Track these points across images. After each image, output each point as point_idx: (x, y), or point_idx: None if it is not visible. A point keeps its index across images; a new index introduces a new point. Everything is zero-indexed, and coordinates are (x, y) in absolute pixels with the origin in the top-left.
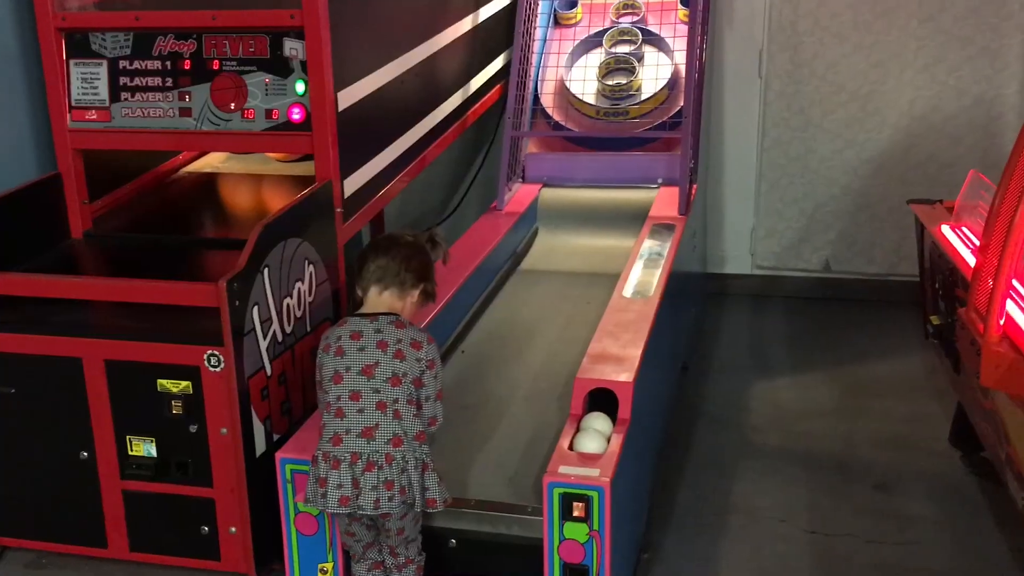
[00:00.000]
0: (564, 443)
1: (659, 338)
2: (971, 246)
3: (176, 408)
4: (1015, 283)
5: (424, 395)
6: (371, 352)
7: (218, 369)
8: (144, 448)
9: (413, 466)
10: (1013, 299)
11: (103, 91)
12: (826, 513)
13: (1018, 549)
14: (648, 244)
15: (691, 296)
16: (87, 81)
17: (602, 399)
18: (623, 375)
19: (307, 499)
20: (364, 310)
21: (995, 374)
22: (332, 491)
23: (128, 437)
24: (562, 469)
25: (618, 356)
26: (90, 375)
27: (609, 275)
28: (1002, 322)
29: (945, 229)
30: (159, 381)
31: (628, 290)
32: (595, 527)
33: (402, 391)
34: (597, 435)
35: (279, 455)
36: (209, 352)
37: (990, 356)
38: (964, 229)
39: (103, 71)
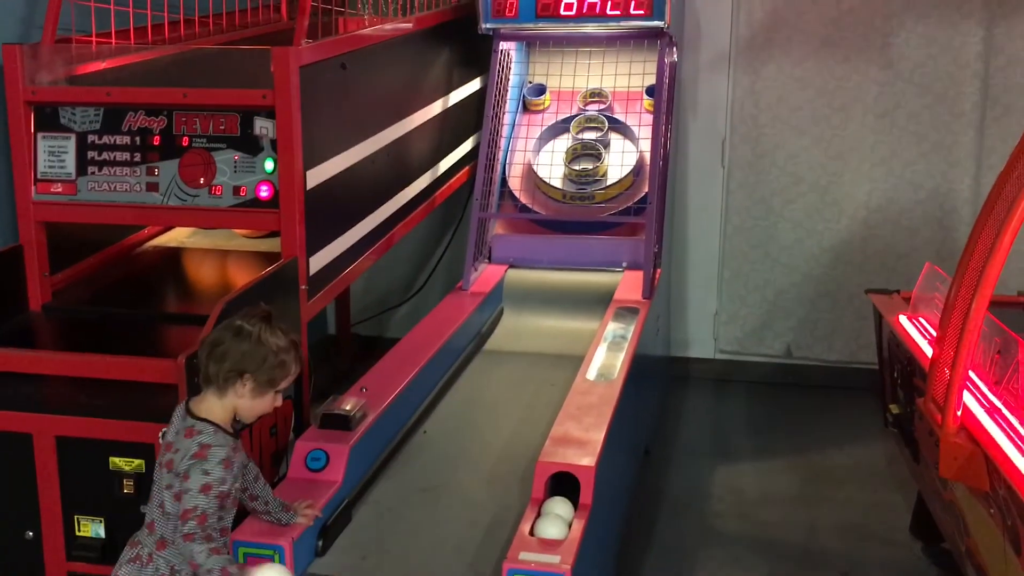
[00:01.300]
0: (525, 528)
1: (622, 422)
2: (928, 337)
3: (128, 487)
4: (972, 375)
5: (181, 489)
6: (177, 443)
7: None
8: (92, 528)
9: (178, 571)
10: (970, 391)
11: (70, 164)
12: None
13: None
14: (612, 327)
15: (654, 379)
16: (54, 154)
17: (564, 483)
18: (585, 459)
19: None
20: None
21: (953, 466)
22: (119, 566)
23: (76, 516)
24: (523, 555)
25: (580, 439)
26: (40, 452)
27: (573, 357)
28: (959, 413)
29: (903, 319)
30: (111, 459)
31: (592, 373)
32: None
33: (161, 491)
34: (559, 520)
35: (233, 537)
36: (165, 430)
37: (948, 448)
38: (921, 320)
39: (71, 145)
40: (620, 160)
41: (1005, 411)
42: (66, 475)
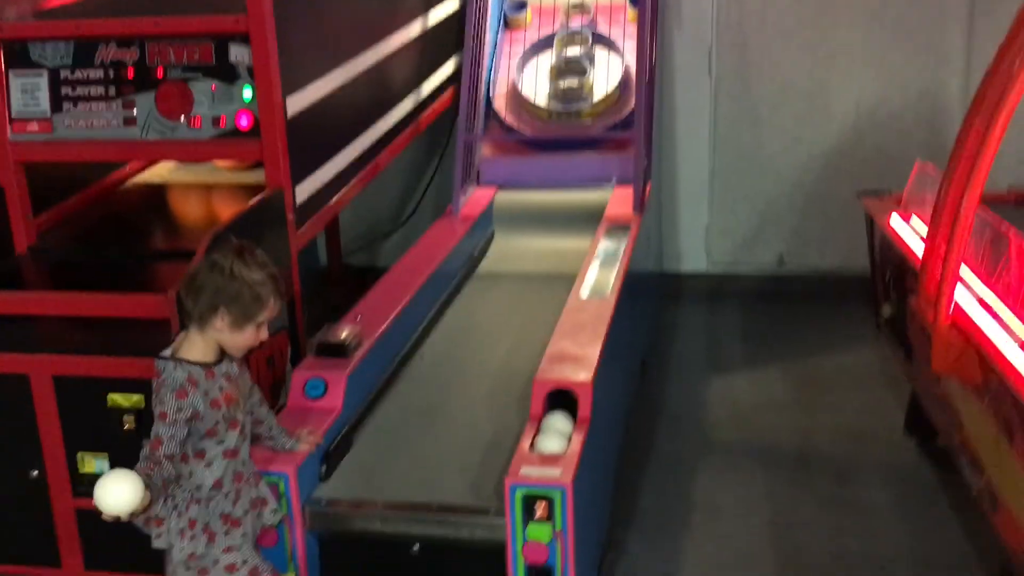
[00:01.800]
0: (525, 444)
1: (617, 337)
2: (920, 235)
3: (128, 423)
4: (963, 270)
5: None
6: None
7: None
8: (96, 465)
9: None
10: (962, 285)
11: (44, 102)
12: (786, 506)
13: (973, 533)
14: (604, 244)
15: (648, 294)
16: (27, 92)
17: (562, 399)
18: (582, 375)
19: None
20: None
21: (946, 361)
22: None
23: (80, 454)
24: (523, 470)
25: (576, 356)
26: (38, 392)
27: (566, 276)
28: (951, 309)
29: (894, 220)
30: (110, 396)
31: (585, 291)
32: (558, 527)
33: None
34: (558, 435)
35: None
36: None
37: (941, 343)
38: (913, 219)
39: (44, 81)
40: (606, 75)
41: (997, 304)
42: (66, 413)
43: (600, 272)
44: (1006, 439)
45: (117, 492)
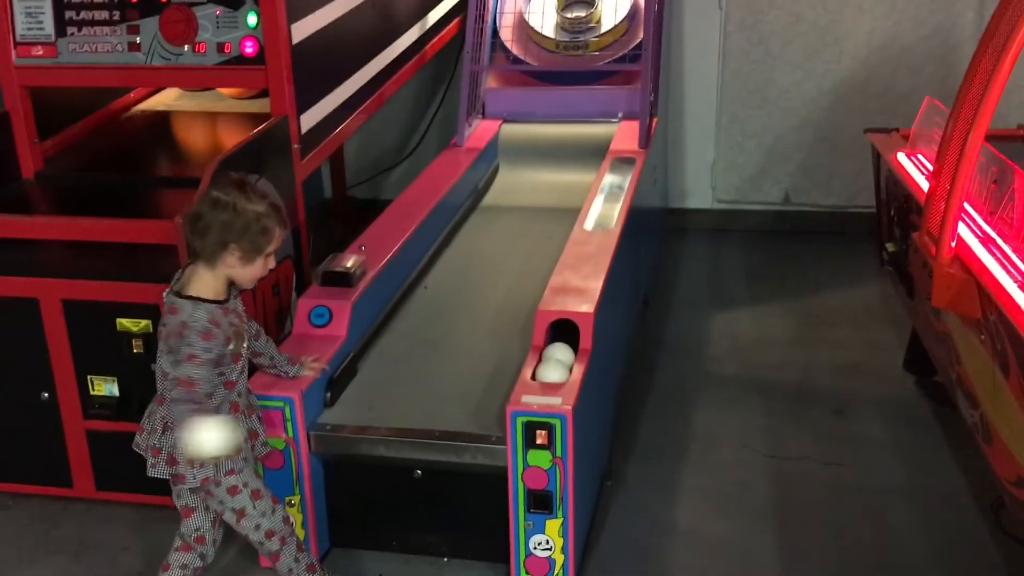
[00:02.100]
0: (526, 373)
1: (620, 271)
2: (925, 172)
3: (137, 347)
4: (966, 206)
5: (172, 360)
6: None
7: None
8: (106, 387)
9: (159, 419)
10: (964, 222)
11: (48, 26)
12: (784, 438)
13: (968, 467)
14: (609, 178)
15: (652, 230)
16: (31, 16)
17: (564, 330)
18: (584, 306)
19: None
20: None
21: (946, 295)
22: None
23: (89, 377)
24: (525, 398)
25: (579, 288)
26: (48, 315)
27: (570, 210)
28: (953, 244)
29: (900, 156)
30: (119, 320)
31: (589, 223)
32: (558, 454)
33: (160, 355)
34: (559, 365)
35: None
36: (168, 290)
37: (942, 278)
38: (919, 156)
39: (48, 5)
40: (614, 6)
41: (999, 240)
42: (76, 337)
43: (604, 206)
44: (1002, 373)
45: (218, 438)
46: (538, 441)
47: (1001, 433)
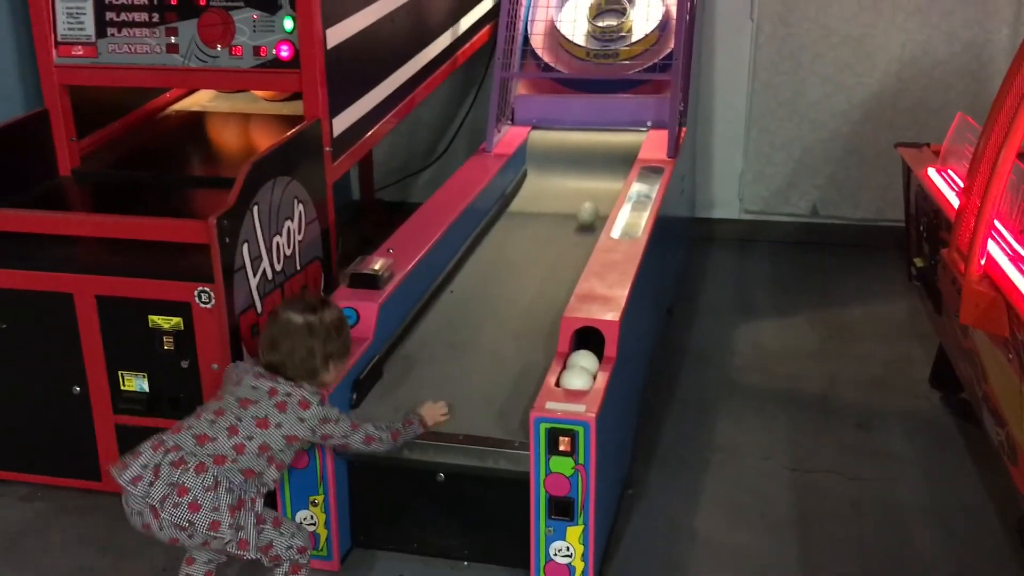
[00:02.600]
0: (551, 380)
1: (646, 279)
2: (956, 188)
3: (167, 344)
4: (997, 224)
5: (341, 438)
6: (259, 393)
7: (209, 305)
8: (136, 383)
9: (225, 488)
10: (994, 239)
11: (89, 26)
12: (807, 451)
13: (992, 485)
14: (636, 187)
15: (678, 239)
16: (73, 16)
17: (589, 338)
18: (609, 314)
19: (117, 461)
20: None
21: (975, 313)
22: (135, 467)
23: (120, 372)
24: (549, 404)
25: (605, 296)
26: (81, 311)
27: (598, 217)
28: (983, 262)
29: (931, 172)
30: (150, 317)
31: (616, 231)
32: (580, 461)
33: (262, 434)
34: (583, 372)
35: None
36: (200, 289)
37: (970, 295)
38: (950, 172)
39: (89, 6)
40: (645, 15)
41: None
42: (108, 333)
43: (632, 214)
44: None
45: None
46: (561, 448)
47: None
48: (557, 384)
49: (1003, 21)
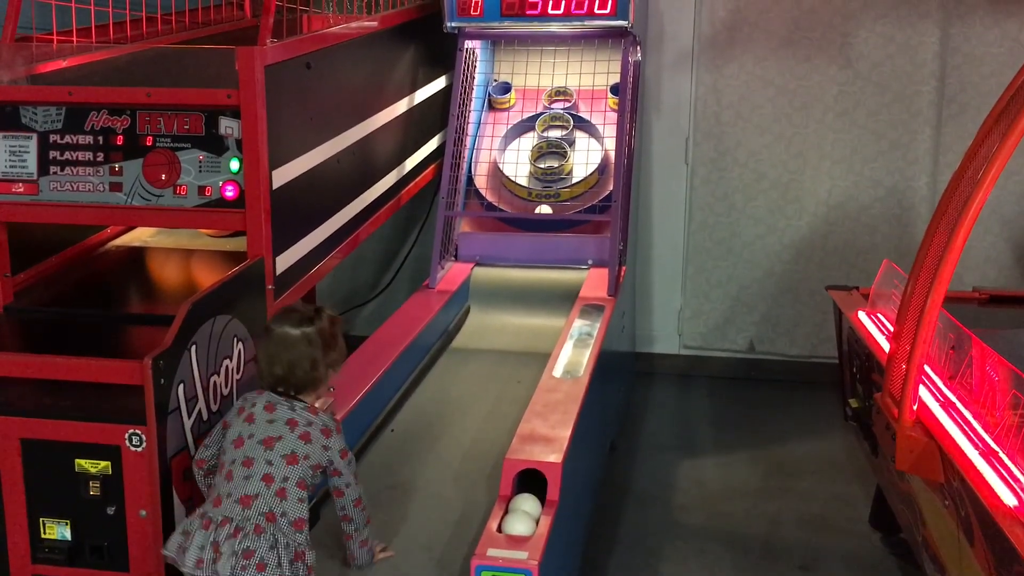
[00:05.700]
0: (492, 525)
1: (588, 418)
2: (886, 332)
3: (94, 489)
4: (927, 369)
5: (344, 483)
6: (279, 427)
7: (139, 448)
8: (58, 531)
9: (283, 546)
10: (926, 385)
11: (31, 164)
12: None
13: None
14: (578, 324)
15: (620, 375)
16: (15, 154)
17: (531, 479)
18: (552, 456)
19: (167, 548)
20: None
21: (909, 459)
22: (193, 550)
23: (41, 519)
24: (490, 552)
25: (547, 436)
26: (4, 455)
27: (540, 354)
28: (915, 407)
29: (861, 315)
30: (77, 461)
31: (558, 370)
32: None
33: (295, 471)
34: (526, 517)
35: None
36: (131, 431)
37: (904, 441)
38: (879, 316)
39: (32, 144)
40: (585, 158)
41: (959, 405)
42: (31, 477)
43: (574, 352)
44: (967, 540)
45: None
46: None
47: None
48: (499, 529)
49: (922, 170)
